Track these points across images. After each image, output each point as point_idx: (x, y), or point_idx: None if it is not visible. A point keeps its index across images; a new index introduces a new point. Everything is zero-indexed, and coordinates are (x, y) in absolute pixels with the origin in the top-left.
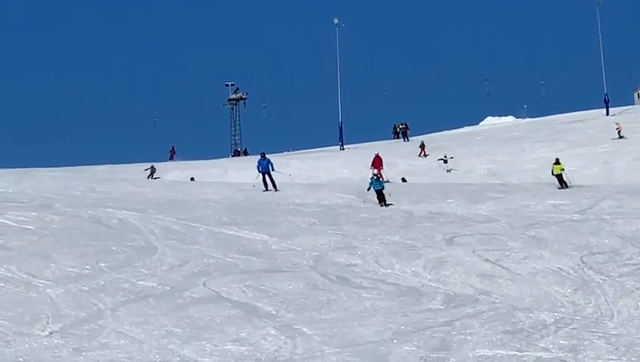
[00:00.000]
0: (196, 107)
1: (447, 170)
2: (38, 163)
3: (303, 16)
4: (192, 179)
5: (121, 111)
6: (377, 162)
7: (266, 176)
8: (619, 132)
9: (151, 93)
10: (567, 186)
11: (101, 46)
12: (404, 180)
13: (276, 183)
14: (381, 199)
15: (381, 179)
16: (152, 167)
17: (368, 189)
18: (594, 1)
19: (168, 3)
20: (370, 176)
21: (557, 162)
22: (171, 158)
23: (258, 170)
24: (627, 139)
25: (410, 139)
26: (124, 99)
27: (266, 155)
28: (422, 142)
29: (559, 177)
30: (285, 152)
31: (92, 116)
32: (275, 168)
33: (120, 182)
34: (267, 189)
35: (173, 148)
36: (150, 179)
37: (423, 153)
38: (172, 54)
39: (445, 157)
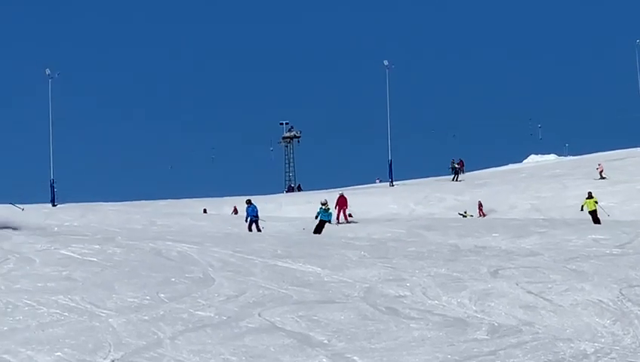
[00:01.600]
0: (252, 144)
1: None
2: (101, 197)
3: (355, 57)
4: (204, 211)
5: (183, 148)
6: (342, 202)
7: (254, 223)
8: (600, 173)
9: (210, 131)
10: (599, 222)
11: (167, 85)
12: (465, 214)
13: (260, 229)
14: (319, 229)
15: (345, 219)
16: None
17: (316, 217)
18: (632, 43)
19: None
20: (319, 207)
21: (590, 196)
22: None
23: (246, 219)
24: (608, 179)
25: (460, 179)
26: (184, 137)
27: (252, 201)
28: (479, 202)
29: (594, 213)
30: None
31: (156, 153)
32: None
33: (179, 216)
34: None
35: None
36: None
37: (480, 213)
38: (230, 94)
39: (465, 213)
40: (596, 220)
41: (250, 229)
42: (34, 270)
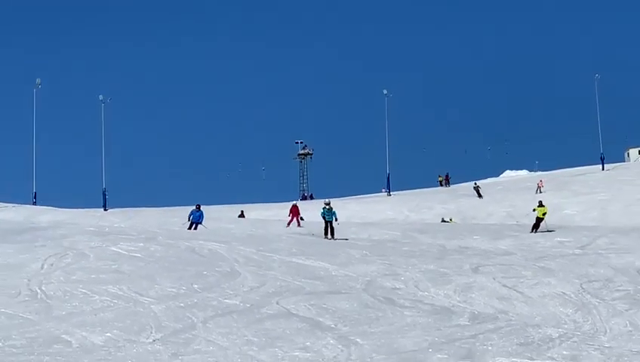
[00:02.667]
0: (273, 160)
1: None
2: (145, 203)
3: (359, 87)
4: (242, 213)
5: (215, 162)
6: (294, 211)
7: (195, 225)
8: (539, 188)
9: (238, 148)
10: (536, 231)
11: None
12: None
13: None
14: (328, 231)
15: (297, 225)
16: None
17: (323, 217)
18: (592, 78)
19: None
20: (323, 206)
21: (540, 205)
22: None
23: (189, 218)
24: (545, 193)
25: (450, 185)
26: (217, 153)
27: (201, 207)
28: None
29: (539, 220)
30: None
31: (192, 166)
32: (203, 221)
33: (210, 220)
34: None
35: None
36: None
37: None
38: (255, 117)
39: (450, 219)
40: (536, 226)
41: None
42: (88, 264)
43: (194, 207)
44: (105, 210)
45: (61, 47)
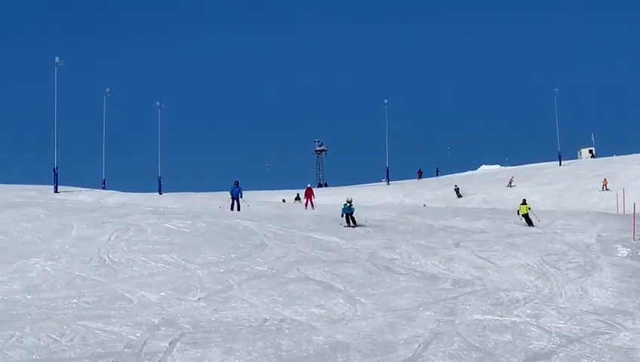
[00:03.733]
0: (295, 155)
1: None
2: (192, 188)
3: (364, 97)
4: (283, 200)
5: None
6: (308, 193)
7: (235, 200)
8: (510, 182)
9: (267, 145)
10: (532, 225)
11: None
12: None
13: (241, 207)
14: (350, 220)
15: (312, 207)
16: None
17: (342, 215)
18: (552, 91)
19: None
20: (344, 203)
21: (524, 203)
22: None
23: (231, 194)
24: (515, 186)
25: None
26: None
27: (239, 184)
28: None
29: (526, 216)
30: (383, 180)
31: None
32: (242, 196)
33: (244, 203)
34: (232, 210)
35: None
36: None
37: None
38: (280, 119)
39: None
40: (529, 222)
41: (232, 208)
42: (146, 237)
43: (233, 184)
44: (160, 193)
45: (125, 56)
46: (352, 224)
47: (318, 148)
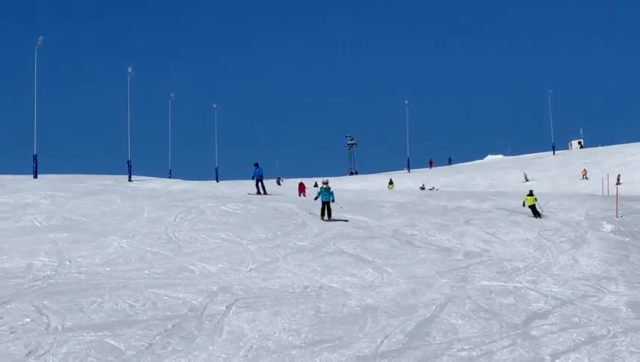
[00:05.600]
0: (330, 148)
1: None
2: (244, 176)
3: (388, 97)
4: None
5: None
6: (301, 187)
7: (259, 182)
8: (525, 176)
9: (308, 139)
10: (540, 216)
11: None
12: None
13: (266, 188)
14: (325, 212)
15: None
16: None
17: (316, 198)
18: (547, 92)
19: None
20: (320, 186)
21: (530, 194)
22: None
23: (253, 177)
24: (530, 181)
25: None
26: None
27: (258, 165)
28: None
29: (533, 208)
30: (404, 169)
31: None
32: (263, 174)
33: (287, 189)
34: (258, 193)
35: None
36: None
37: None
38: (321, 117)
39: (432, 188)
40: (536, 213)
41: (257, 190)
42: (206, 218)
43: (254, 166)
44: (217, 181)
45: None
46: (326, 217)
47: (349, 142)
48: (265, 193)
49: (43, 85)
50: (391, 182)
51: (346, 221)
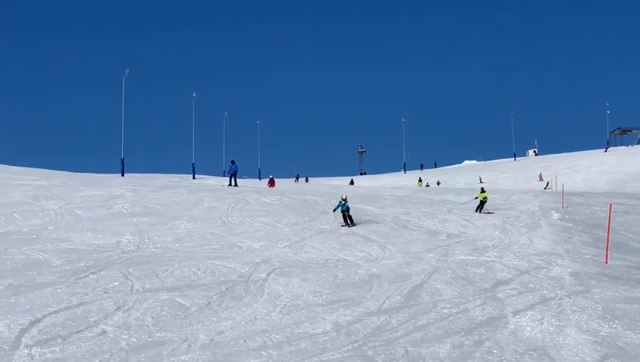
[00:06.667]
0: (343, 154)
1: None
2: (281, 175)
3: (388, 114)
4: (351, 182)
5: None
6: (271, 182)
7: (233, 176)
8: (541, 178)
9: (327, 147)
10: (480, 211)
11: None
12: (438, 183)
13: (238, 183)
14: (346, 219)
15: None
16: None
17: (334, 210)
18: (509, 112)
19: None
20: (339, 201)
21: (482, 191)
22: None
23: (228, 171)
24: (543, 181)
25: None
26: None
27: (235, 162)
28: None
29: (482, 203)
30: (401, 171)
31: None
32: (238, 171)
33: (313, 185)
34: (230, 185)
35: (272, 179)
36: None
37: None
38: (334, 127)
39: (438, 183)
40: (480, 207)
41: (230, 183)
42: (251, 207)
43: (230, 163)
44: (259, 179)
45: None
46: (349, 223)
47: (360, 150)
48: (236, 185)
49: (131, 98)
50: (420, 180)
51: (317, 233)
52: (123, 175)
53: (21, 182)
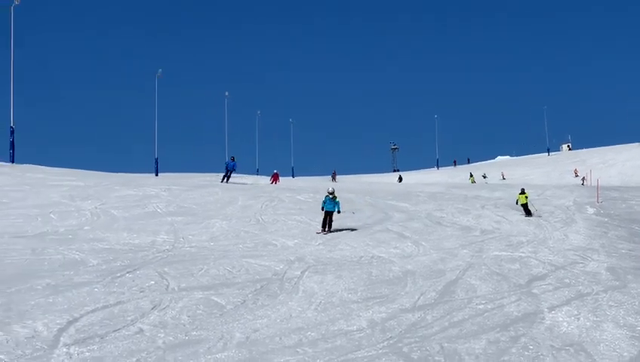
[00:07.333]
0: (377, 152)
1: (486, 182)
2: (315, 173)
3: (420, 111)
4: (400, 179)
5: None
6: (275, 176)
7: (229, 172)
8: (576, 174)
9: (363, 146)
10: (531, 215)
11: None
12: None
13: (230, 179)
14: (326, 223)
15: (277, 183)
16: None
17: (322, 209)
18: (542, 108)
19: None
20: (326, 195)
21: (522, 192)
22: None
23: (227, 166)
24: (579, 177)
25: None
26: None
27: (235, 159)
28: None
29: (525, 206)
30: (452, 165)
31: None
32: (236, 169)
33: (346, 183)
34: (222, 182)
35: (277, 174)
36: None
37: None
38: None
39: (485, 176)
40: (527, 212)
41: (223, 179)
42: (285, 205)
43: (229, 159)
44: (293, 177)
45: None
46: (327, 228)
47: (392, 147)
48: (227, 182)
49: (163, 98)
50: (471, 175)
51: (351, 230)
52: (157, 174)
53: (57, 183)
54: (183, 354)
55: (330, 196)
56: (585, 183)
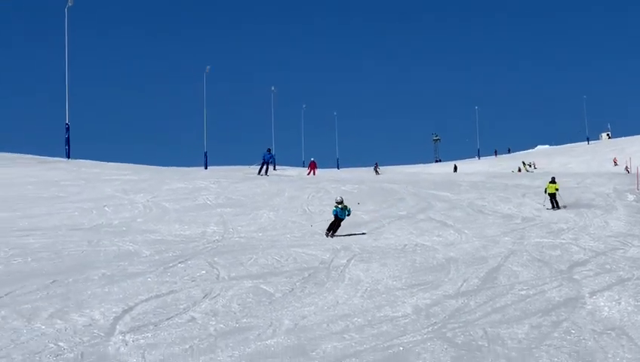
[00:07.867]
0: (420, 143)
1: (531, 171)
2: (361, 164)
3: (461, 105)
4: (455, 168)
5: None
6: (312, 165)
7: (265, 165)
8: (615, 161)
9: (404, 138)
10: (558, 207)
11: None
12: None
13: (269, 171)
14: (332, 228)
15: (314, 175)
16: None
17: (336, 215)
18: (582, 97)
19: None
20: (334, 205)
21: (552, 181)
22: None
23: (263, 159)
24: (619, 165)
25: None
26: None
27: (271, 150)
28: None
29: (553, 196)
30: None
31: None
32: (272, 161)
33: (387, 173)
34: (260, 174)
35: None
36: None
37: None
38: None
39: (531, 165)
40: (554, 204)
41: (260, 171)
42: (331, 195)
43: (266, 151)
44: (338, 168)
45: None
46: (332, 231)
47: (434, 138)
48: (266, 174)
49: (211, 94)
50: (524, 164)
51: (395, 219)
52: (206, 168)
53: (112, 177)
54: (234, 341)
55: (340, 206)
56: (629, 171)
